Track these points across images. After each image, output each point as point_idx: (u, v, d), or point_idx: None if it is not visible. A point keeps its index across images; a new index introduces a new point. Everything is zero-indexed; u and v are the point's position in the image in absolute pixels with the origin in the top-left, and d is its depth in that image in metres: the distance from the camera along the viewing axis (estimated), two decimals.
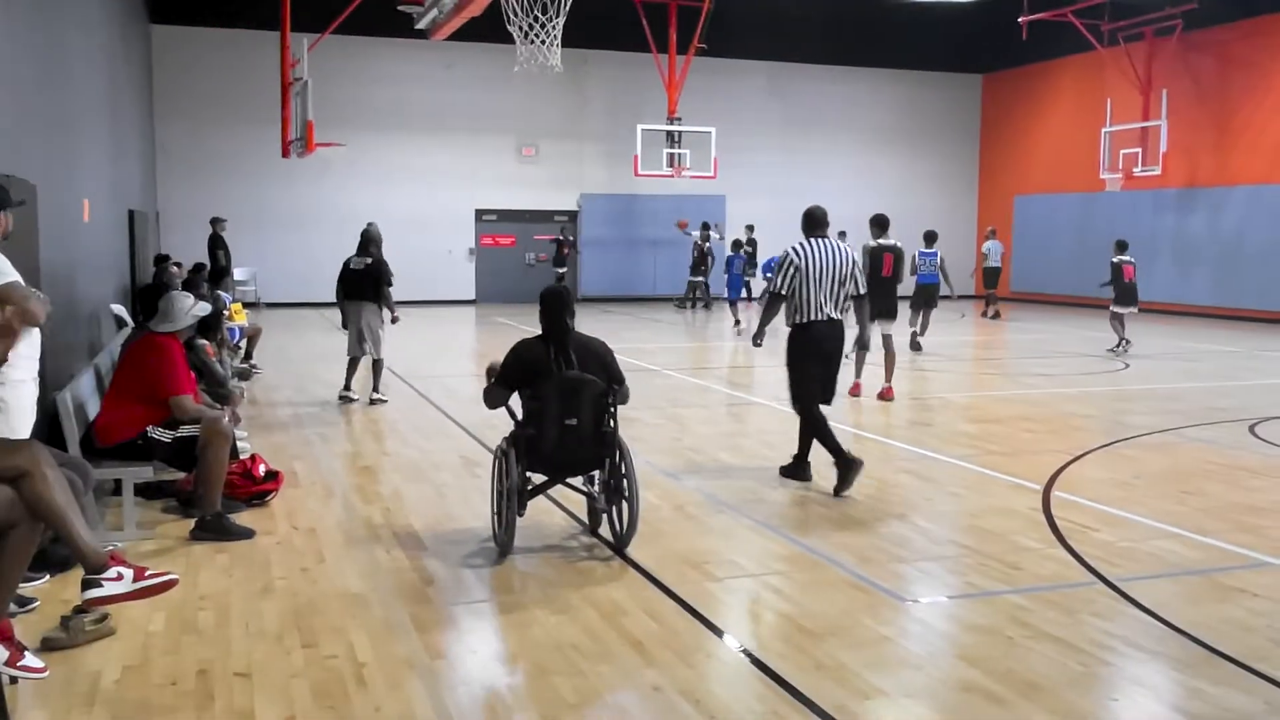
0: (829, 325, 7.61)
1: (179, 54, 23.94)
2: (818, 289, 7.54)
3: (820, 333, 7.59)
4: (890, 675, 4.49)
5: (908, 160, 29.88)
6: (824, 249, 7.63)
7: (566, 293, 6.41)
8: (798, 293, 7.55)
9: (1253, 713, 4.12)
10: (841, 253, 7.67)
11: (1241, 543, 6.38)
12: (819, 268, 7.54)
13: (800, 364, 7.67)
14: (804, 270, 7.53)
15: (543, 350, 6.16)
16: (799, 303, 7.57)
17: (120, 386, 6.59)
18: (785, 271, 7.58)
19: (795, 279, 7.55)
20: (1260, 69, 22.62)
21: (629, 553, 6.10)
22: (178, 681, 4.37)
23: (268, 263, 24.51)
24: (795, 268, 7.55)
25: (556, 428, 6.00)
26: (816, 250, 7.61)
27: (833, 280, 7.58)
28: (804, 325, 7.60)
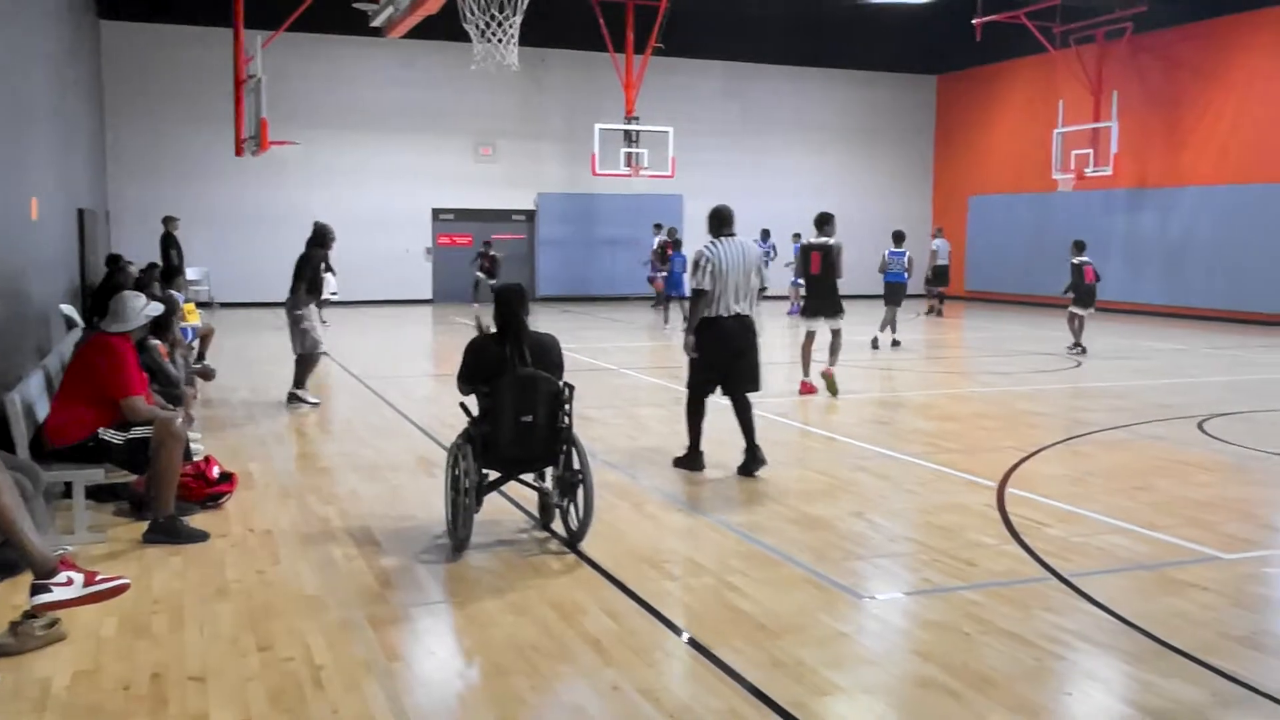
0: (735, 320, 7.93)
1: (129, 51, 23.61)
2: (726, 285, 7.88)
3: (726, 327, 7.92)
4: (847, 671, 4.52)
5: (864, 160, 30.12)
6: (732, 247, 7.95)
7: (520, 290, 6.44)
8: (710, 289, 7.89)
9: (1201, 704, 4.19)
10: (748, 250, 8.01)
11: (1191, 537, 6.49)
12: (727, 265, 7.87)
13: (703, 352, 8.03)
14: (717, 267, 7.86)
15: (498, 348, 6.20)
16: (708, 299, 7.90)
17: (70, 388, 6.48)
18: (703, 269, 7.87)
19: (711, 275, 7.88)
20: (1207, 72, 23.01)
21: (588, 552, 6.10)
22: (130, 686, 4.31)
23: (221, 262, 24.25)
24: (711, 264, 7.86)
25: (512, 425, 6.05)
26: (726, 250, 7.93)
27: (740, 276, 7.90)
28: (711, 320, 7.94)
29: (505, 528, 6.64)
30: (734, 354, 7.98)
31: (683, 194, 27.72)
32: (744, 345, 8.00)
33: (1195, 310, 22.97)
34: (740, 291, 7.92)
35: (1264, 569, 6.05)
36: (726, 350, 7.96)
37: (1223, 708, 4.17)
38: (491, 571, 5.81)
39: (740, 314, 7.95)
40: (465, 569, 5.88)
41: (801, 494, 7.57)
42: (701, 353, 8.02)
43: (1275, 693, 4.30)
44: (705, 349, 8.00)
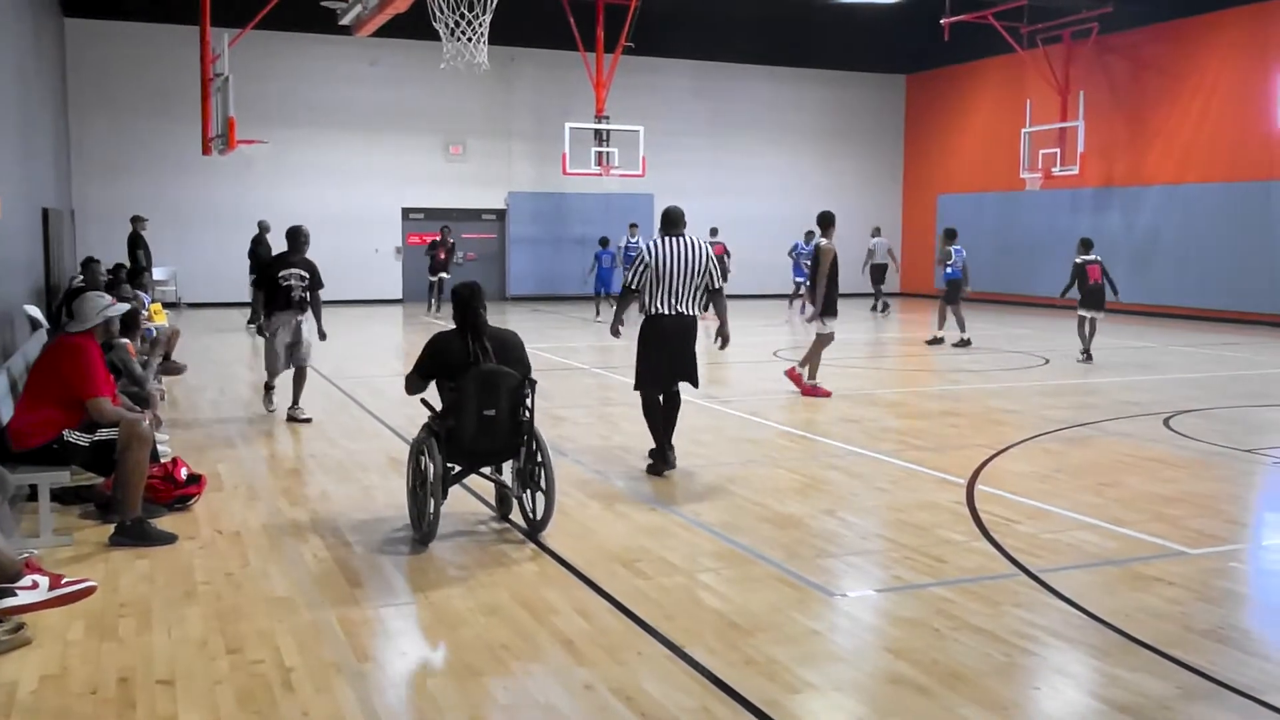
0: (676, 319, 8.03)
1: (95, 48, 23.36)
2: (666, 284, 7.96)
3: (666, 325, 8.04)
4: (819, 669, 4.54)
5: (833, 159, 30.23)
6: (676, 246, 8.01)
7: (478, 287, 6.53)
8: (648, 287, 8.00)
9: (1167, 698, 4.24)
10: (695, 249, 8.05)
11: (1157, 533, 6.56)
12: (669, 264, 7.94)
13: (644, 352, 8.15)
14: (653, 266, 7.95)
15: (460, 344, 6.31)
16: (651, 295, 8.01)
17: (35, 389, 6.41)
18: (635, 268, 8.07)
19: (645, 275, 7.98)
20: (1172, 72, 23.25)
21: (559, 551, 6.10)
22: (98, 690, 4.27)
23: (188, 262, 24.04)
24: (645, 264, 7.99)
25: (475, 419, 6.17)
26: (668, 248, 7.99)
27: (684, 276, 7.97)
28: (652, 317, 8.07)
29: (464, 519, 6.67)
30: (672, 351, 8.09)
31: (654, 193, 27.71)
32: (682, 342, 8.11)
33: (1161, 308, 23.21)
34: (683, 290, 7.99)
35: (1229, 564, 6.12)
36: (666, 346, 8.07)
37: (1188, 701, 4.22)
38: (463, 571, 5.80)
39: (682, 312, 8.03)
40: (437, 569, 5.86)
41: (773, 492, 7.59)
42: (645, 350, 8.14)
43: (1240, 686, 4.36)
44: (648, 346, 8.13)
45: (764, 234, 28.77)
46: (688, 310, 8.04)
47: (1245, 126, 21.82)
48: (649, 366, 8.16)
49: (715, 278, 8.15)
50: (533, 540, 6.25)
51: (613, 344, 18.54)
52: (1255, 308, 21.56)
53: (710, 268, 8.09)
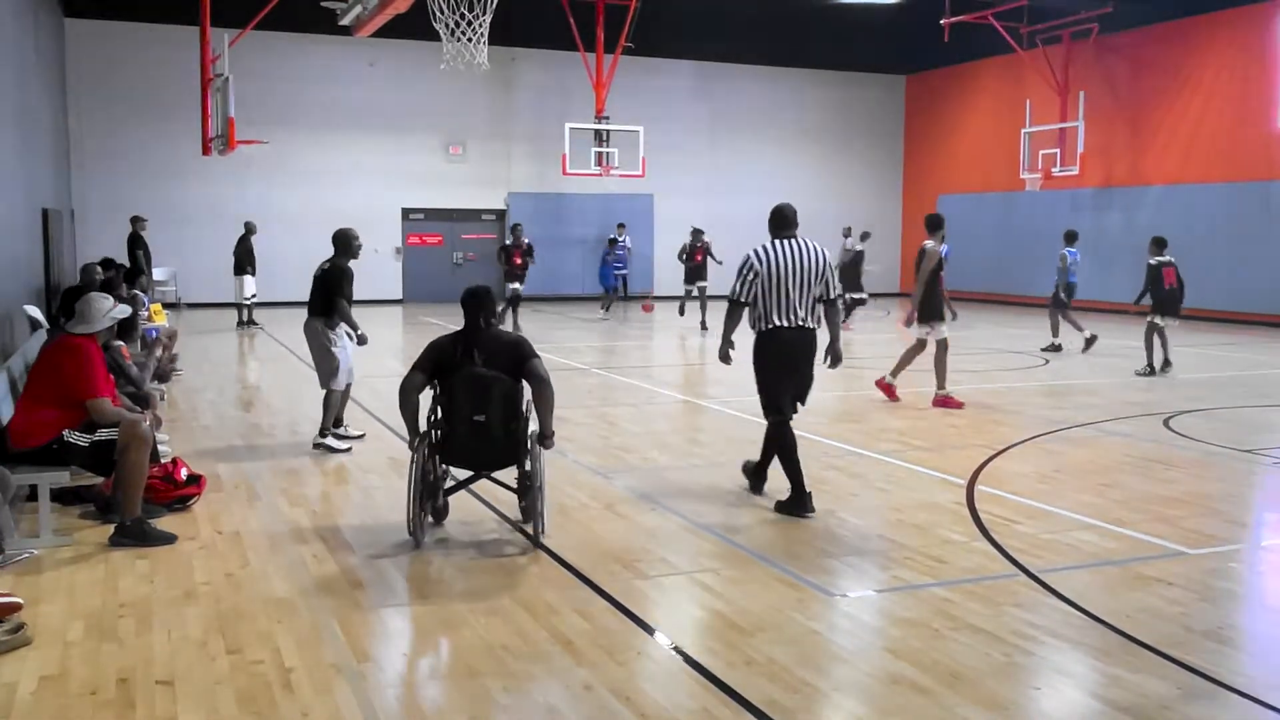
0: (797, 332, 7.05)
1: (95, 49, 23.35)
2: (782, 293, 6.99)
3: (787, 339, 7.04)
4: (819, 669, 4.54)
5: (834, 160, 30.23)
6: (790, 250, 7.06)
7: (483, 292, 6.40)
8: (760, 298, 7.02)
9: (1168, 698, 4.24)
10: (812, 253, 7.08)
11: (1157, 533, 6.55)
12: (783, 271, 6.99)
13: (767, 373, 7.15)
14: (765, 274, 6.98)
15: (453, 346, 6.28)
16: (761, 309, 7.04)
17: (35, 389, 6.41)
18: (744, 277, 7.04)
19: (755, 284, 7.02)
20: (1172, 72, 23.25)
21: (560, 552, 6.09)
22: (97, 691, 4.27)
23: (188, 263, 24.02)
24: (755, 273, 7.01)
25: (466, 424, 6.10)
26: (781, 252, 7.05)
27: (800, 284, 7.02)
28: (769, 332, 7.06)
29: (479, 528, 6.63)
30: (797, 367, 7.12)
31: (653, 194, 27.73)
32: (806, 359, 7.16)
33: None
34: (800, 299, 7.03)
35: (1229, 564, 6.12)
36: (790, 362, 7.09)
37: (1189, 701, 4.22)
38: (463, 572, 5.80)
39: (802, 324, 7.06)
40: (437, 570, 5.86)
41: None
42: (767, 370, 7.14)
43: (1240, 686, 4.36)
44: (770, 364, 7.12)
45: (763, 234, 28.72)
46: (808, 321, 7.08)
47: (1245, 126, 21.82)
48: (776, 387, 7.12)
49: (832, 286, 7.20)
50: (538, 546, 6.21)
51: (613, 344, 18.60)
52: (1255, 308, 21.56)
53: (828, 275, 7.16)
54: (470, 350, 6.20)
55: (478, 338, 6.26)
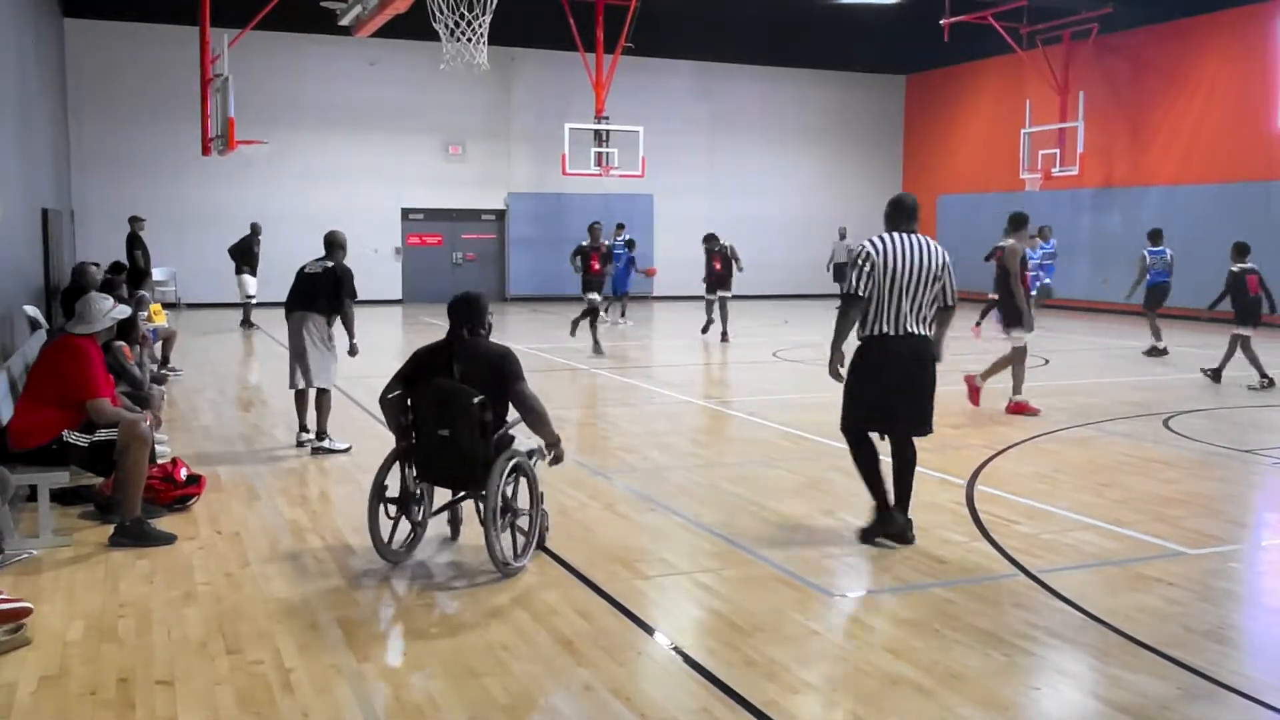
0: (905, 341, 6.19)
1: (94, 49, 23.35)
2: (894, 294, 6.13)
3: (894, 349, 6.20)
4: (819, 669, 4.53)
5: (834, 160, 30.23)
6: (908, 246, 6.19)
7: (471, 298, 6.01)
8: (871, 297, 6.18)
9: (1168, 698, 4.24)
10: (931, 252, 6.21)
11: (1157, 533, 6.55)
12: (899, 268, 6.12)
13: (858, 380, 6.33)
14: (879, 268, 6.13)
15: (432, 356, 5.95)
16: (871, 309, 6.21)
17: (35, 389, 6.41)
18: (860, 269, 6.17)
19: (872, 279, 6.16)
20: (1172, 72, 23.25)
21: (560, 552, 6.08)
22: (97, 691, 4.27)
23: (187, 263, 24.02)
24: (871, 264, 6.13)
25: (432, 437, 5.77)
26: (899, 247, 6.18)
27: (916, 285, 6.15)
28: (874, 339, 6.22)
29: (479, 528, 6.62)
30: (901, 385, 6.26)
31: (653, 194, 27.73)
32: (914, 375, 6.26)
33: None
34: (915, 304, 6.16)
35: (1228, 564, 6.12)
36: (891, 376, 6.23)
37: (1189, 701, 4.22)
38: (463, 572, 5.79)
39: (912, 333, 6.19)
40: (436, 570, 5.85)
41: (773, 493, 7.59)
42: (859, 378, 6.31)
43: (1240, 686, 4.36)
44: (864, 373, 6.29)
45: (763, 234, 28.75)
46: (920, 330, 6.21)
47: (1245, 126, 21.82)
48: (861, 398, 6.33)
49: (950, 292, 6.31)
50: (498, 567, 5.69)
51: (614, 345, 18.58)
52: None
53: (948, 279, 6.28)
54: (450, 361, 5.84)
55: (457, 348, 5.88)
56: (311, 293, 9.05)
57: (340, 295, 9.02)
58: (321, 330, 9.08)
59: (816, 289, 28.11)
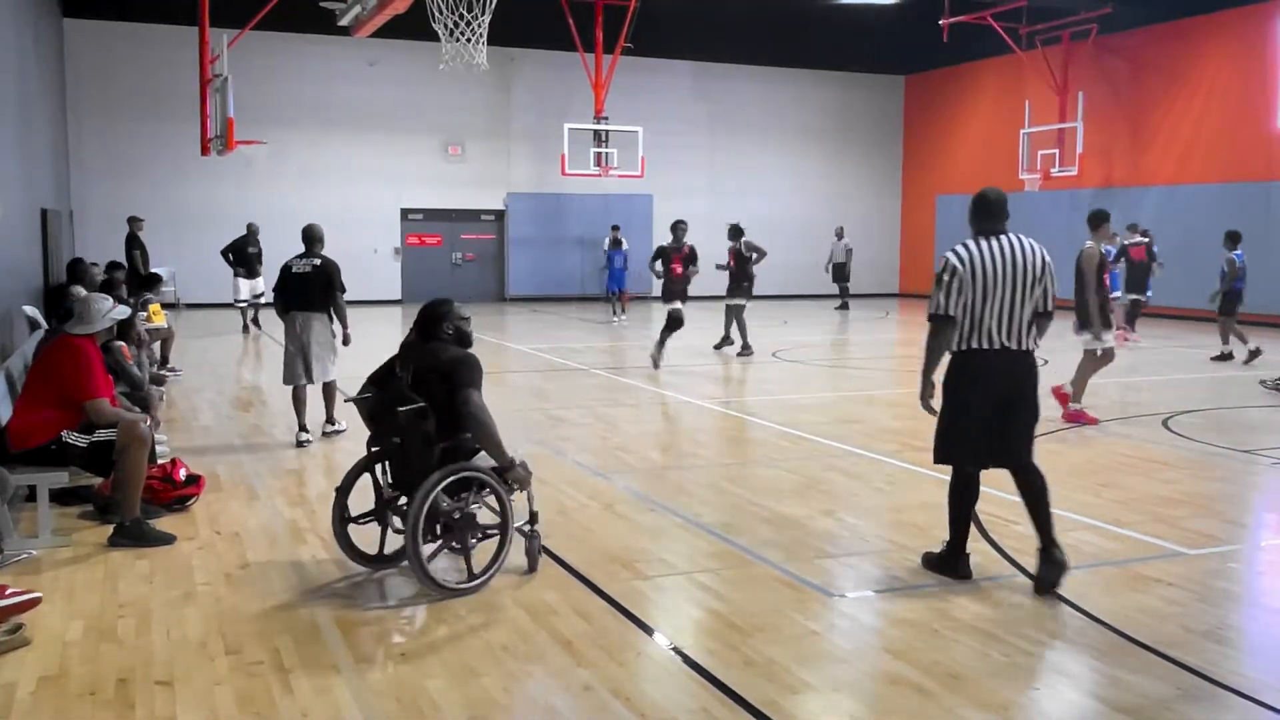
0: (1004, 356, 5.50)
1: (94, 49, 23.35)
2: (988, 305, 5.46)
3: (992, 366, 5.51)
4: (818, 669, 4.53)
5: (833, 160, 30.23)
6: (1000, 250, 5.50)
7: (434, 305, 5.83)
8: (960, 311, 5.52)
9: (1167, 698, 4.24)
10: (1028, 254, 5.51)
11: (1156, 533, 6.55)
12: (992, 277, 5.45)
13: (954, 406, 5.63)
14: (967, 280, 5.46)
15: (392, 361, 5.84)
16: (960, 323, 5.53)
17: (34, 390, 6.41)
18: (945, 284, 5.49)
19: (960, 293, 5.48)
20: (1171, 72, 23.25)
21: (559, 552, 6.08)
22: (96, 691, 4.27)
23: (186, 263, 23.98)
24: (957, 277, 5.46)
25: (391, 446, 5.66)
26: (990, 252, 5.50)
27: (1014, 294, 5.45)
28: (967, 354, 5.55)
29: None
30: (1001, 406, 5.55)
31: (653, 194, 27.73)
32: (1015, 394, 5.56)
33: (1160, 309, 23.18)
34: (1013, 314, 5.46)
35: (1228, 565, 6.12)
36: (990, 401, 5.53)
37: (1188, 702, 4.22)
38: (462, 572, 5.78)
39: (1010, 346, 5.49)
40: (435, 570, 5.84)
41: (773, 493, 7.59)
42: (955, 402, 5.60)
43: (1239, 686, 4.36)
44: (961, 396, 5.58)
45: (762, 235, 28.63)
46: (1020, 343, 5.51)
47: (1245, 126, 21.82)
48: (960, 427, 5.62)
49: (1050, 296, 5.58)
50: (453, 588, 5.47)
51: (613, 345, 18.60)
52: (1255, 308, 21.52)
53: (1049, 282, 5.55)
54: (407, 366, 5.66)
55: (413, 352, 5.67)
56: (307, 292, 9.37)
57: (333, 290, 9.39)
58: (324, 327, 9.44)
59: (816, 289, 28.14)
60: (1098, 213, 10.76)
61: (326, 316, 9.44)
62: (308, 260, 9.45)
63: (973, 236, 5.61)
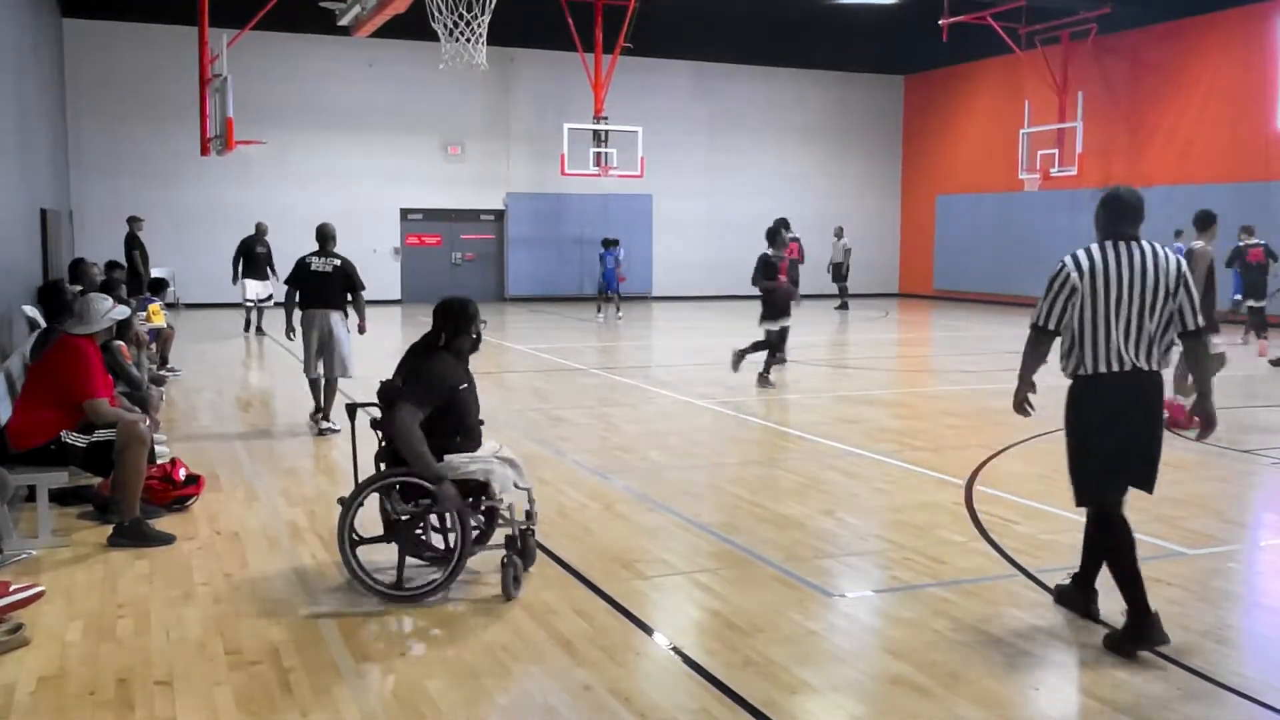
0: (1130, 380, 4.81)
1: (93, 49, 23.35)
2: (1109, 323, 4.77)
3: (1116, 391, 4.84)
4: (818, 669, 4.53)
5: (833, 160, 30.23)
6: (1129, 259, 4.79)
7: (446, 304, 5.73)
8: (1077, 328, 4.84)
9: (1167, 698, 4.24)
10: (1159, 263, 4.80)
11: (1156, 533, 6.55)
12: (1118, 289, 4.76)
13: (1087, 438, 4.96)
14: (1085, 293, 4.78)
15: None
16: (1080, 342, 4.84)
17: (33, 390, 6.41)
18: (1054, 295, 4.85)
19: (1072, 305, 4.82)
20: (1170, 72, 23.25)
21: (559, 552, 6.08)
22: (96, 691, 4.26)
23: (186, 263, 23.99)
24: (1073, 289, 4.80)
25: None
26: (1115, 261, 4.79)
27: (1141, 308, 4.76)
28: (1090, 379, 4.88)
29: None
30: (1126, 438, 4.88)
31: (652, 194, 27.73)
32: (1145, 419, 4.88)
33: None
34: (1141, 332, 4.77)
35: (1227, 565, 6.12)
36: (1113, 430, 4.88)
37: (1188, 701, 4.22)
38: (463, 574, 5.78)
39: (1139, 367, 4.79)
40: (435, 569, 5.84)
41: (772, 493, 7.59)
42: (1087, 434, 4.97)
43: (1239, 686, 4.36)
44: (1090, 426, 4.94)
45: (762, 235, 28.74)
46: (1153, 362, 4.83)
47: (1245, 126, 21.81)
48: (1100, 459, 4.92)
49: (1192, 311, 4.81)
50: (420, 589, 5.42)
51: (613, 345, 18.60)
52: None
53: (1185, 295, 4.80)
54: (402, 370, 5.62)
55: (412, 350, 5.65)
56: (328, 291, 9.81)
57: (354, 289, 9.93)
58: (343, 324, 9.88)
59: (815, 289, 28.11)
60: (1206, 213, 10.17)
61: (343, 313, 9.89)
62: (327, 260, 9.87)
63: (1098, 241, 4.90)
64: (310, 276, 9.82)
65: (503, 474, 5.46)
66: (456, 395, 5.48)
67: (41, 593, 4.81)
